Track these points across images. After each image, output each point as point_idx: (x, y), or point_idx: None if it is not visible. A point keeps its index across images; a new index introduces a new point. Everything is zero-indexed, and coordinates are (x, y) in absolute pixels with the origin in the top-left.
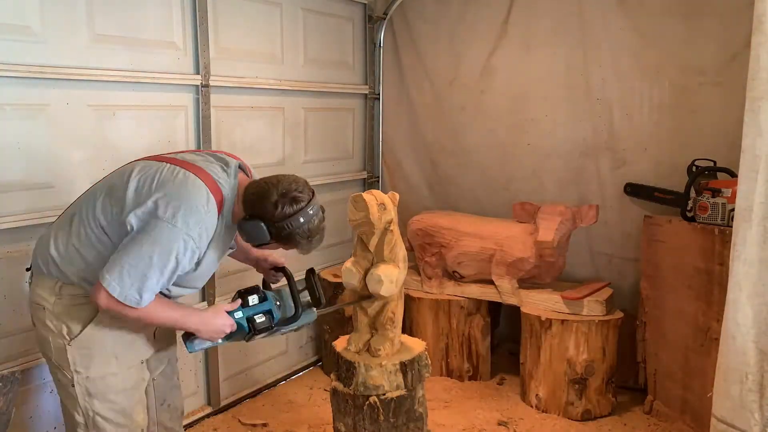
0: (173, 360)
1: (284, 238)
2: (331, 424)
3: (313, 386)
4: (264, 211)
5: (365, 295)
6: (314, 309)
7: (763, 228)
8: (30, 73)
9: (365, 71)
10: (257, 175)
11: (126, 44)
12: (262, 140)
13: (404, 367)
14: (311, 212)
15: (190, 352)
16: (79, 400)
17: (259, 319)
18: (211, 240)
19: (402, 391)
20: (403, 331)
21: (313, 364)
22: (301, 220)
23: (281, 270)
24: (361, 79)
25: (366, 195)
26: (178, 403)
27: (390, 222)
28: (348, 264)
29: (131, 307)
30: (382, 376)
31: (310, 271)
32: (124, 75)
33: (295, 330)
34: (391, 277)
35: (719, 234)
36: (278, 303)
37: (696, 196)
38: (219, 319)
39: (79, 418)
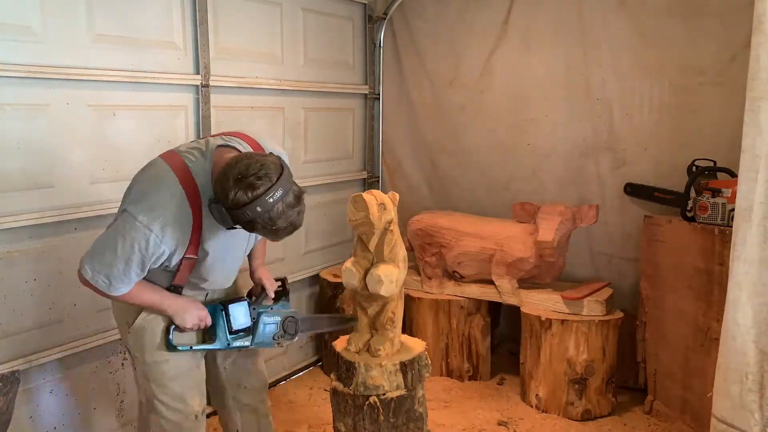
0: (252, 351)
1: (247, 224)
2: (331, 424)
3: (313, 386)
4: (222, 196)
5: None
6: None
7: (763, 228)
8: (30, 73)
9: (365, 71)
10: (272, 144)
11: (126, 44)
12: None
13: (404, 367)
14: (271, 200)
15: (168, 350)
16: (140, 382)
17: (240, 318)
18: (202, 231)
19: (402, 391)
20: (403, 331)
21: (313, 364)
22: (258, 209)
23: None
24: (361, 79)
25: (366, 195)
26: (256, 384)
27: (390, 222)
28: (348, 264)
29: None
30: (382, 376)
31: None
32: (124, 75)
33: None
34: (391, 277)
35: (719, 234)
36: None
37: (696, 196)
38: (193, 307)
39: (141, 398)
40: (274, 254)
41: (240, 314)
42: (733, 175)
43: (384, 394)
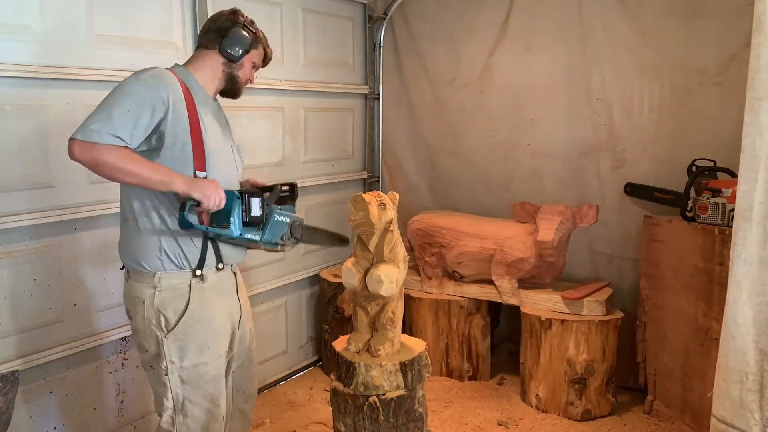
0: (253, 351)
1: (254, 39)
2: (331, 424)
3: (313, 386)
4: (231, 21)
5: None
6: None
7: (763, 228)
8: (30, 73)
9: (365, 71)
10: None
11: (126, 44)
12: (262, 140)
13: (404, 367)
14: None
15: (183, 228)
16: (171, 387)
17: (255, 210)
18: (198, 105)
19: (402, 391)
20: (403, 331)
21: (313, 364)
22: (252, 21)
23: (271, 188)
24: (361, 79)
25: (366, 195)
26: (253, 389)
27: (390, 222)
28: (348, 264)
29: (99, 145)
30: (382, 376)
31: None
32: (124, 75)
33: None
34: (391, 277)
35: (719, 234)
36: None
37: (696, 196)
38: (214, 183)
39: (169, 403)
40: (275, 254)
41: (255, 206)
42: (733, 175)
43: (384, 394)
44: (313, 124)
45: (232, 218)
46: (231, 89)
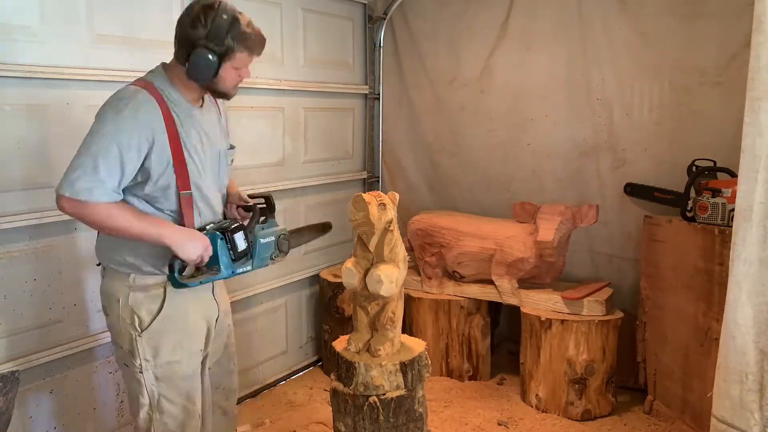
0: (231, 347)
1: (226, 49)
2: (331, 424)
3: (313, 386)
4: (192, 37)
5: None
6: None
7: (763, 228)
8: (30, 73)
9: (365, 71)
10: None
11: (126, 44)
12: (262, 140)
13: (404, 367)
14: (228, 7)
15: (175, 287)
16: (146, 385)
17: (240, 244)
18: (179, 125)
19: (402, 391)
20: (403, 331)
21: (313, 364)
22: (224, 17)
23: (250, 209)
24: (361, 79)
25: (366, 195)
26: (233, 386)
27: (390, 222)
28: (348, 264)
29: (89, 204)
30: (382, 376)
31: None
32: (124, 75)
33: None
34: (391, 277)
35: (719, 234)
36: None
37: (696, 196)
38: (197, 236)
39: (144, 400)
40: None
41: (240, 240)
42: (733, 175)
43: (384, 394)
44: (313, 124)
45: (220, 261)
46: (218, 96)
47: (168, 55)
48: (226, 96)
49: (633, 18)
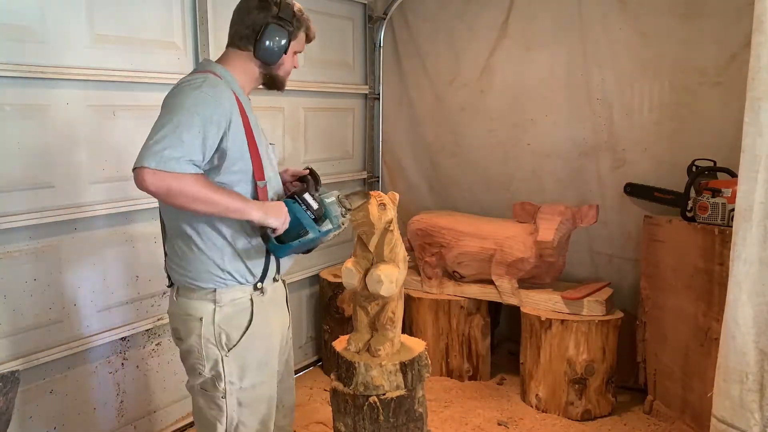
0: (290, 361)
1: (294, 29)
2: (331, 424)
3: (313, 386)
4: (260, 18)
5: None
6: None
7: (763, 228)
8: (30, 73)
9: (365, 71)
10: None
11: (126, 44)
12: None
13: (404, 367)
14: None
15: (278, 255)
16: (227, 411)
17: (313, 204)
18: (248, 113)
19: (402, 391)
20: (403, 331)
21: (313, 364)
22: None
23: (304, 179)
24: (361, 79)
25: None
26: (291, 403)
27: (390, 222)
28: (348, 264)
29: (179, 175)
30: (382, 376)
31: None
32: (124, 75)
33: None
34: (391, 277)
35: (719, 234)
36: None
37: (696, 196)
38: (279, 205)
39: (221, 428)
40: None
41: (311, 200)
42: (733, 175)
43: (384, 394)
44: (313, 124)
45: (304, 224)
46: (273, 86)
47: (168, 54)
48: (281, 85)
49: (633, 18)
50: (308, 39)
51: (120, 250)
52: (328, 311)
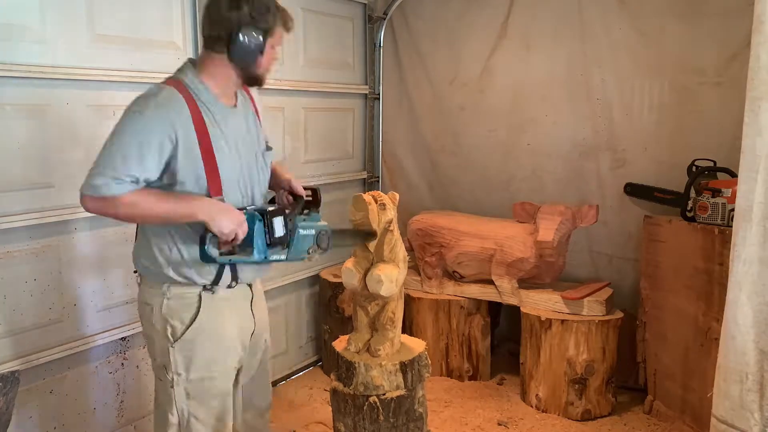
0: (266, 363)
1: (270, 26)
2: (331, 424)
3: (313, 386)
4: (234, 18)
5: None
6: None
7: (763, 228)
8: (30, 73)
9: (365, 71)
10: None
11: (126, 44)
12: None
13: (404, 367)
14: None
15: (204, 261)
16: (176, 402)
17: (279, 229)
18: (210, 126)
19: (402, 391)
20: (403, 331)
21: (313, 364)
22: None
23: (297, 199)
24: (361, 79)
25: (366, 195)
26: (265, 404)
27: (390, 222)
28: (348, 264)
29: (109, 198)
30: (382, 376)
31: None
32: (124, 75)
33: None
34: (391, 277)
35: (719, 234)
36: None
37: (696, 196)
38: (232, 210)
39: (173, 419)
40: None
41: (278, 225)
42: (733, 175)
43: (384, 394)
44: (313, 124)
45: (254, 243)
46: (253, 84)
47: (167, 54)
48: (261, 81)
49: (633, 18)
50: (287, 30)
51: (120, 250)
52: (328, 311)
